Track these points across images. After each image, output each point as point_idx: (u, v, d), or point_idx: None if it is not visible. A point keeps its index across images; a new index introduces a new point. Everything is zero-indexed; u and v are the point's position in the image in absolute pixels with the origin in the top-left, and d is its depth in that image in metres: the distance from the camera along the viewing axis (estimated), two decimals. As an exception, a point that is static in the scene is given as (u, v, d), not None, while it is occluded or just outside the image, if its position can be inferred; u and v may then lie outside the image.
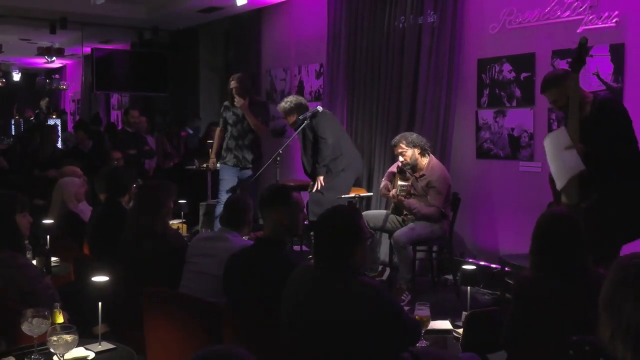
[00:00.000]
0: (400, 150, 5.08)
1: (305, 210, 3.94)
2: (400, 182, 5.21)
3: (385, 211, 5.50)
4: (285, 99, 6.06)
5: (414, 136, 5.14)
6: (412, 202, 5.05)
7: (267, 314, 2.60)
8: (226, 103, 6.40)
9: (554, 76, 4.00)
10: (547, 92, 3.98)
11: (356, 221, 2.40)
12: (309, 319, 2.33)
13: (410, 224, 5.06)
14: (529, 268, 2.58)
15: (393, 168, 5.44)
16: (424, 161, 5.12)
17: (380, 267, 5.66)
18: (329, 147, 5.68)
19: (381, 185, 5.39)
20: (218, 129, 6.59)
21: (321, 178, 5.72)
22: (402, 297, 4.84)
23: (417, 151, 5.07)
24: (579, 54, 3.80)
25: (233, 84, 6.22)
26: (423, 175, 5.10)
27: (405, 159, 5.09)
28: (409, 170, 5.15)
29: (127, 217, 3.63)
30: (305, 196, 5.99)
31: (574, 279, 2.44)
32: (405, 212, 5.18)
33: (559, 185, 3.88)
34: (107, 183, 4.42)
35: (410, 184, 5.15)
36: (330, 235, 2.35)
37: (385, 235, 5.81)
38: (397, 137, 5.17)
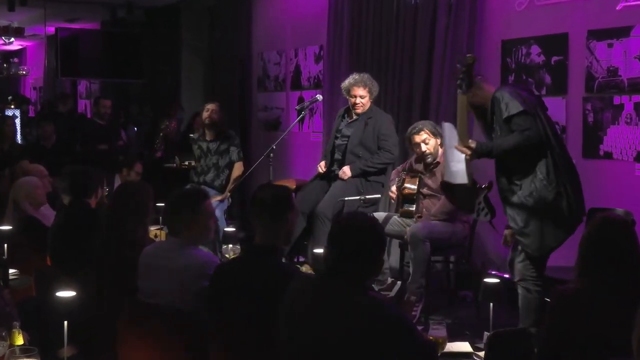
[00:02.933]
0: (423, 138, 5.10)
1: None
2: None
3: (385, 213, 5.50)
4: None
5: (433, 123, 5.20)
6: (437, 206, 5.08)
7: (262, 331, 2.60)
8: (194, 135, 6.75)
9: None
10: None
11: (384, 232, 2.44)
12: (310, 335, 2.34)
13: (426, 220, 5.07)
14: (574, 280, 2.61)
15: (394, 174, 5.49)
16: (440, 153, 5.16)
17: (389, 280, 5.64)
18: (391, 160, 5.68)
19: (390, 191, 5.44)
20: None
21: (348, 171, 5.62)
22: (414, 310, 4.80)
23: (438, 141, 5.11)
24: (467, 74, 3.91)
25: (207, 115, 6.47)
26: (439, 163, 5.10)
27: (427, 150, 5.12)
28: (427, 161, 5.17)
29: (104, 221, 3.62)
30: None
31: (626, 293, 2.46)
32: (417, 214, 5.19)
33: (446, 178, 4.27)
34: (71, 183, 4.44)
35: (417, 181, 5.19)
36: (359, 244, 2.36)
37: (395, 243, 5.80)
38: (419, 124, 5.21)
